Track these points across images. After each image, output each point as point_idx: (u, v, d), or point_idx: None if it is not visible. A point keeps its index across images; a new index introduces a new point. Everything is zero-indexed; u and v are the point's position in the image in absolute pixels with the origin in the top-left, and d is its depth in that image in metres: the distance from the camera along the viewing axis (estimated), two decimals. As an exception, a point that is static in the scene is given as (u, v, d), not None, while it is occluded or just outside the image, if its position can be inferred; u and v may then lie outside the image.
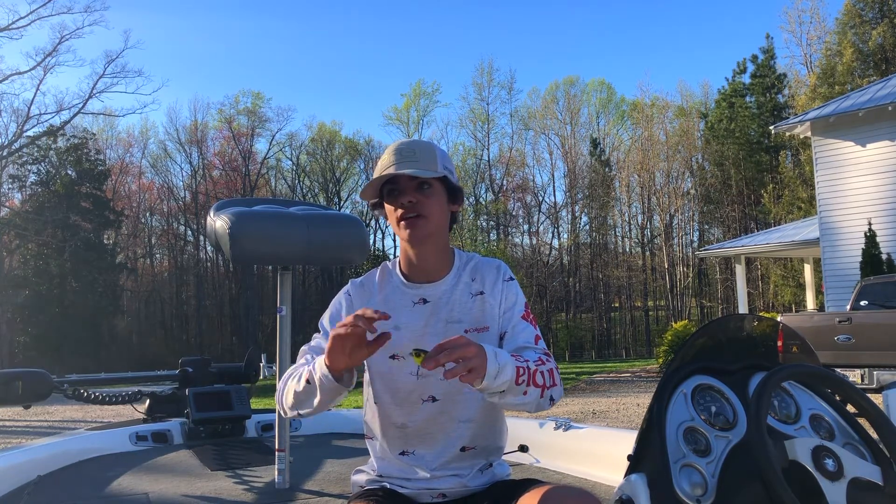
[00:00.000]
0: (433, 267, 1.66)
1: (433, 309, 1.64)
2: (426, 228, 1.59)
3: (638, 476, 1.37)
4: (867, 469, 1.36)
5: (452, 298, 1.65)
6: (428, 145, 1.64)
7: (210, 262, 55.32)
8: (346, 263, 3.03)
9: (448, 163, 1.64)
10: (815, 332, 10.19)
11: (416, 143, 1.63)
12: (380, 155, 1.76)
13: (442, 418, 1.63)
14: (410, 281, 1.66)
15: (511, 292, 1.67)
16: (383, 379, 1.65)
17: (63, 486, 2.79)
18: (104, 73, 41.65)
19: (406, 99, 56.87)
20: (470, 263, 1.70)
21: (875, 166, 16.00)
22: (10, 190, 44.47)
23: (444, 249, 1.67)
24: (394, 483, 1.66)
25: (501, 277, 1.68)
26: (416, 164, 1.57)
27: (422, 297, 1.65)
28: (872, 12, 33.98)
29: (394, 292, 1.67)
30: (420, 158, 1.59)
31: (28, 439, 8.92)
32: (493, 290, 1.66)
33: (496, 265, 1.71)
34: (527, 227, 54.51)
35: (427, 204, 1.59)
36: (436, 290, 1.65)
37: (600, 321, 50.86)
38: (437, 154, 1.62)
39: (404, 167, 1.56)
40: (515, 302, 1.66)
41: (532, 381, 1.46)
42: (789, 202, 35.96)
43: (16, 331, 40.52)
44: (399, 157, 1.59)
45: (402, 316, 1.63)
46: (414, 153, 1.59)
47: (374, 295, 1.67)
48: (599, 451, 2.73)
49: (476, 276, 1.68)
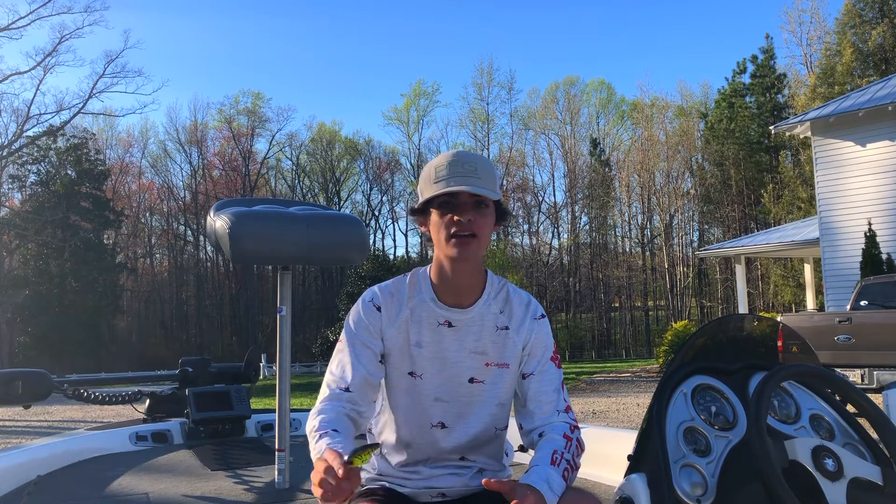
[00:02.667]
0: (465, 285, 1.61)
1: (457, 335, 1.61)
2: (476, 249, 1.55)
3: (638, 476, 1.37)
4: (867, 469, 1.36)
5: (478, 328, 1.62)
6: (488, 163, 1.57)
7: (210, 262, 55.34)
8: (346, 263, 3.03)
9: (499, 180, 1.61)
10: (815, 332, 10.18)
11: (476, 159, 1.56)
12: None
13: (447, 440, 1.63)
14: (440, 298, 1.62)
15: (542, 332, 1.65)
16: (398, 394, 1.64)
17: (63, 486, 2.79)
18: (104, 73, 41.78)
19: (406, 99, 56.98)
20: (501, 292, 1.66)
21: (875, 166, 16.00)
22: (10, 190, 44.56)
23: (479, 269, 1.64)
24: (393, 482, 1.66)
25: (531, 315, 1.65)
26: (478, 182, 1.51)
27: (447, 319, 1.61)
28: (872, 12, 33.97)
29: (421, 306, 1.62)
30: (482, 175, 1.53)
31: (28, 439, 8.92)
32: (519, 328, 1.63)
33: (526, 301, 1.67)
34: (527, 227, 54.60)
35: (482, 224, 1.54)
36: (463, 316, 1.61)
37: (600, 321, 50.87)
38: (495, 174, 1.57)
39: (466, 182, 1.50)
40: (546, 344, 1.65)
41: (572, 468, 1.51)
42: (789, 202, 35.96)
43: (16, 331, 40.53)
44: (460, 170, 1.52)
45: (426, 334, 1.60)
46: (475, 169, 1.52)
47: (402, 307, 1.62)
48: (599, 451, 2.73)
49: (505, 308, 1.65)
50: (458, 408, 1.61)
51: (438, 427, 1.61)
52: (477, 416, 1.61)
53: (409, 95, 56.95)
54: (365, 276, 31.14)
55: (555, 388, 1.62)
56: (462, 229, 1.51)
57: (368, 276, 30.66)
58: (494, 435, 1.66)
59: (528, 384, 1.62)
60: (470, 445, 1.63)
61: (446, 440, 1.62)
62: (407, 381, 1.62)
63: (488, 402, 1.62)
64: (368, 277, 30.42)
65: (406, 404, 1.63)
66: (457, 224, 1.52)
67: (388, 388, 1.66)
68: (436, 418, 1.61)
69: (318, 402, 1.60)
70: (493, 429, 1.64)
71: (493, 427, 1.64)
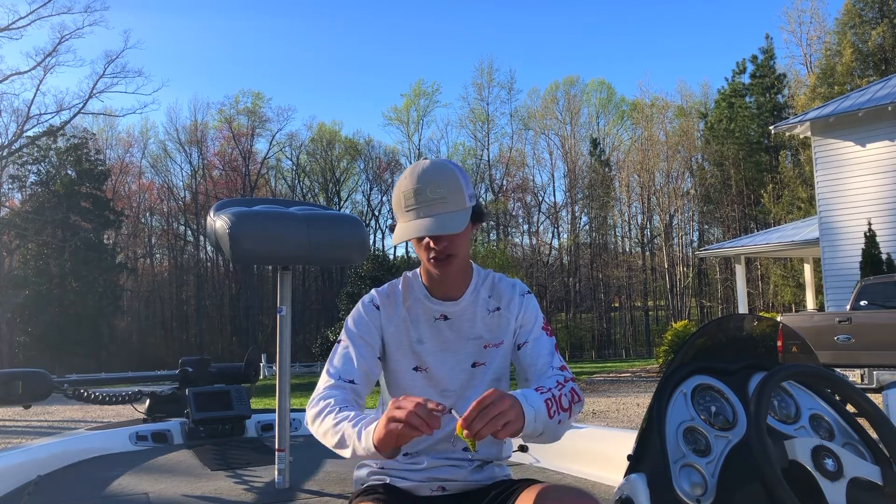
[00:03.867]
0: (454, 283, 1.67)
1: (453, 325, 1.68)
2: (457, 263, 1.60)
3: (638, 476, 1.37)
4: (867, 469, 1.36)
5: (471, 315, 1.68)
6: (451, 175, 1.55)
7: (210, 262, 55.35)
8: (346, 263, 3.03)
9: (470, 186, 1.59)
10: (815, 332, 10.18)
11: (439, 177, 1.53)
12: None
13: (453, 422, 1.64)
14: (433, 295, 1.68)
15: (529, 305, 1.70)
16: (405, 389, 1.66)
17: (63, 486, 2.79)
18: (104, 73, 41.77)
19: (406, 99, 56.97)
20: (487, 280, 1.73)
21: (875, 166, 16.00)
22: (10, 190, 44.55)
23: (466, 267, 1.69)
24: (395, 476, 1.67)
25: (518, 293, 1.71)
26: (445, 205, 1.51)
27: (443, 313, 1.68)
28: (872, 12, 33.99)
29: (416, 304, 1.69)
30: (449, 198, 1.52)
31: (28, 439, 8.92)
32: (509, 306, 1.69)
33: (512, 283, 1.73)
34: (527, 227, 54.64)
35: (458, 244, 1.58)
36: (455, 307, 1.68)
37: (600, 321, 50.88)
38: (462, 184, 1.55)
39: (433, 212, 1.51)
40: (536, 315, 1.70)
41: (560, 407, 1.48)
42: (789, 202, 35.97)
43: (16, 331, 40.52)
44: (426, 199, 1.52)
45: (425, 330, 1.68)
46: (444, 197, 1.51)
47: (399, 307, 1.69)
48: (599, 451, 2.73)
49: (493, 292, 1.71)
50: (463, 391, 1.66)
51: (446, 413, 1.63)
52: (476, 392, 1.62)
53: (409, 95, 57.01)
54: (365, 276, 31.10)
55: (549, 352, 1.65)
56: (439, 254, 1.57)
57: (368, 276, 30.63)
58: None
59: (522, 353, 1.67)
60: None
61: (452, 422, 1.63)
62: (412, 376, 1.68)
63: (485, 378, 1.67)
64: (368, 277, 30.39)
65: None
66: (433, 249, 1.57)
67: (393, 386, 1.70)
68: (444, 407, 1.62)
69: (322, 388, 1.60)
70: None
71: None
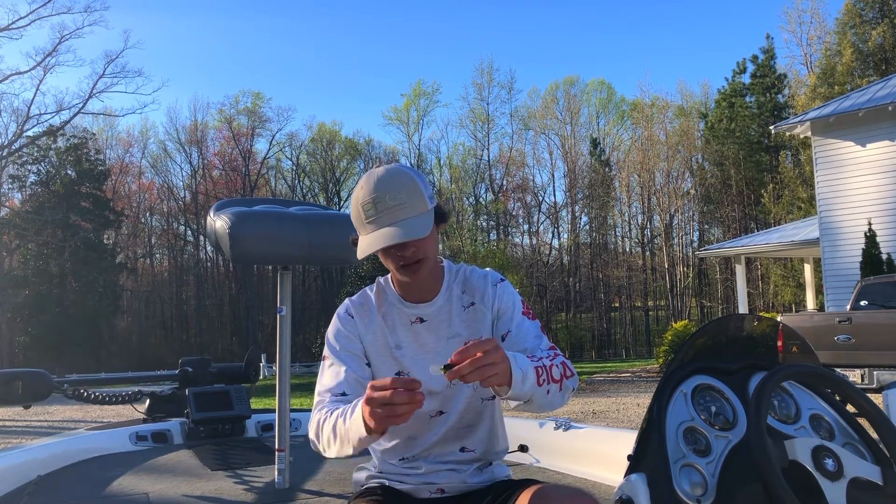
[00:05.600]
0: (427, 286, 1.65)
1: (430, 327, 1.65)
2: (426, 268, 1.57)
3: (638, 476, 1.37)
4: (867, 469, 1.36)
5: (447, 315, 1.65)
6: (407, 179, 1.51)
7: (210, 262, 55.31)
8: (346, 263, 3.03)
9: (429, 187, 1.56)
10: (815, 332, 10.18)
11: (396, 183, 1.50)
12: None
13: (446, 428, 1.64)
14: (406, 299, 1.66)
15: (505, 293, 1.66)
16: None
17: (63, 486, 2.79)
18: (104, 73, 41.74)
19: (406, 99, 56.87)
20: (459, 275, 1.69)
21: (875, 166, 16.00)
22: (10, 190, 44.55)
23: (436, 268, 1.66)
24: (393, 479, 1.67)
25: (490, 283, 1.67)
26: (407, 210, 1.48)
27: (418, 316, 1.65)
28: (872, 12, 33.98)
29: (391, 310, 1.66)
30: (408, 201, 1.49)
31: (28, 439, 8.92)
32: (483, 298, 1.66)
33: (483, 274, 1.69)
34: (527, 227, 54.59)
35: (425, 248, 1.54)
36: (430, 308, 1.65)
37: (600, 321, 50.86)
38: (420, 187, 1.52)
39: (396, 218, 1.48)
40: (513, 301, 1.65)
41: (550, 377, 1.45)
42: (789, 202, 35.98)
43: (16, 331, 40.52)
44: (386, 207, 1.48)
45: (402, 335, 1.64)
46: (402, 203, 1.48)
47: (373, 313, 1.66)
48: (599, 451, 2.73)
49: (466, 287, 1.68)
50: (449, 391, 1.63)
51: (437, 415, 1.64)
52: (464, 390, 1.63)
53: (409, 95, 56.86)
54: (365, 276, 31.10)
55: (534, 335, 1.61)
56: (408, 260, 1.54)
57: (368, 276, 30.60)
58: (482, 407, 1.66)
59: (507, 343, 1.61)
60: (463, 424, 1.64)
61: (446, 427, 1.64)
62: None
63: None
64: (368, 277, 30.38)
65: None
66: (402, 257, 1.54)
67: None
68: (434, 409, 1.63)
69: (317, 409, 1.59)
70: (479, 400, 1.64)
71: (478, 398, 1.64)
